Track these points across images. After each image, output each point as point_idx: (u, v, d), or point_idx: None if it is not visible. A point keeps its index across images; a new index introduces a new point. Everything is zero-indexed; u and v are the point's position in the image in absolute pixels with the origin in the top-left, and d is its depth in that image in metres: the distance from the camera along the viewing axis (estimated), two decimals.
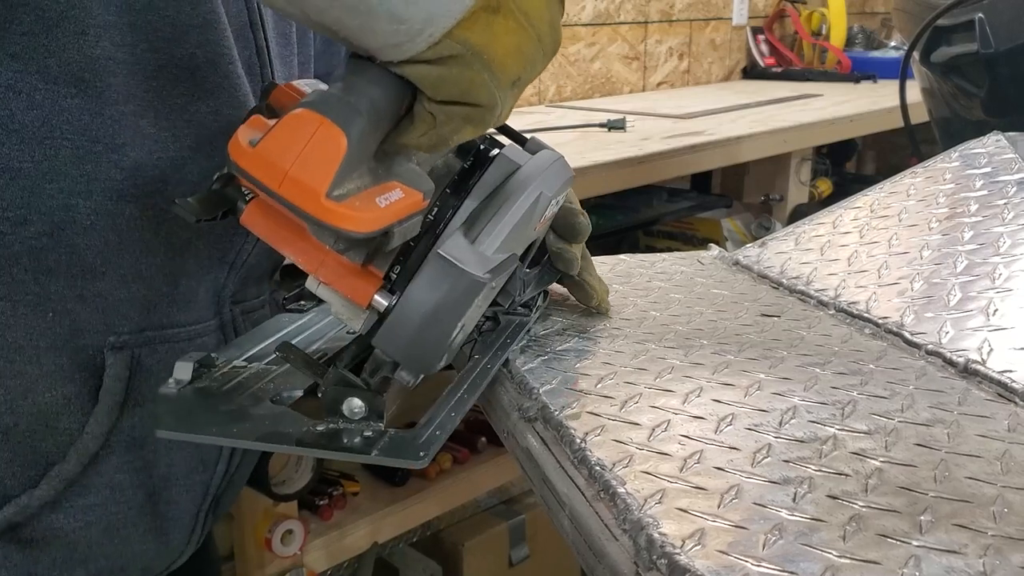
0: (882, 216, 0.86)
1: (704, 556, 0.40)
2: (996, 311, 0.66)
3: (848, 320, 0.72)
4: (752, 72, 2.70)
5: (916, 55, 1.28)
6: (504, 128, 0.63)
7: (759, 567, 0.39)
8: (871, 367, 0.62)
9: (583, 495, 0.47)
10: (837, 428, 0.52)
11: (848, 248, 0.83)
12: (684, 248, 1.66)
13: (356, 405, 0.51)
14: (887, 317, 0.70)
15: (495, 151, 0.59)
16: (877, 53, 2.76)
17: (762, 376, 0.59)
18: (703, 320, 0.72)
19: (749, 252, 0.90)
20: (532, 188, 0.57)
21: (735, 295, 0.79)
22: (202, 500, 0.71)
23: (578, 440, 0.51)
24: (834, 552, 0.40)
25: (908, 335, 0.67)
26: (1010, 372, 0.59)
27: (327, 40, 0.77)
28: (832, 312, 0.74)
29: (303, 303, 0.68)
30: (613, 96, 2.33)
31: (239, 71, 0.63)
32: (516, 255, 0.57)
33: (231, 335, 0.70)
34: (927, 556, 0.40)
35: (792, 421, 0.53)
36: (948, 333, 0.65)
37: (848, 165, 2.59)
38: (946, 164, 0.91)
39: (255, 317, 0.72)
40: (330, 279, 0.51)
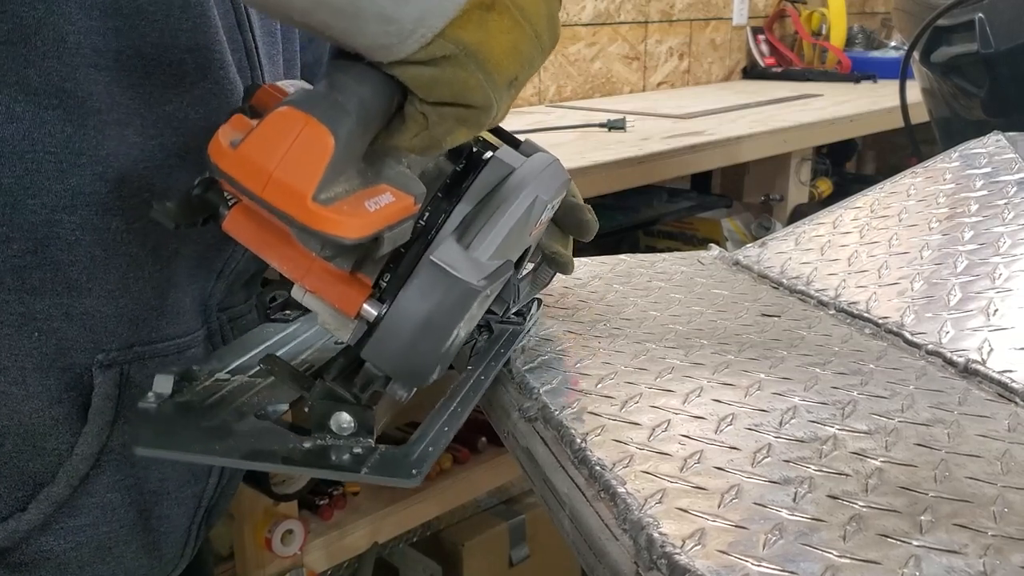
0: (882, 216, 0.86)
1: (704, 556, 0.40)
2: (996, 311, 0.66)
3: (848, 320, 0.72)
4: (752, 72, 2.69)
5: (916, 55, 1.28)
6: (497, 130, 0.61)
7: (759, 567, 0.39)
8: (871, 367, 0.62)
9: (583, 495, 0.47)
10: (837, 428, 0.52)
11: (848, 248, 0.83)
12: (684, 248, 1.65)
13: (344, 420, 0.49)
14: (887, 317, 0.70)
15: (488, 154, 0.56)
16: (877, 53, 2.76)
17: (762, 376, 0.59)
18: (703, 320, 0.72)
19: (749, 252, 0.90)
20: (528, 192, 0.54)
21: (735, 295, 0.79)
22: (194, 513, 0.69)
23: (578, 440, 0.51)
24: (834, 552, 0.40)
25: (908, 335, 0.67)
26: (1010, 372, 0.59)
27: None
28: (832, 312, 0.74)
29: (287, 313, 0.66)
30: (613, 96, 2.33)
31: (231, 75, 0.61)
32: (511, 261, 0.55)
33: (219, 344, 0.68)
34: (927, 556, 0.40)
35: (792, 421, 0.53)
36: (948, 333, 0.65)
37: (848, 165, 2.59)
38: (946, 164, 0.91)
39: (242, 323, 0.70)
40: (317, 288, 0.49)
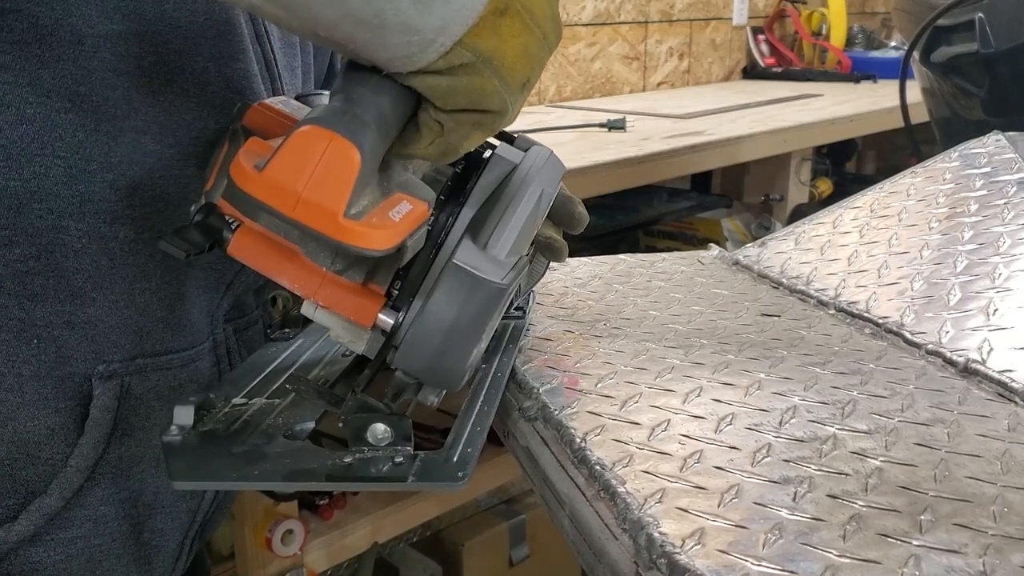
0: (882, 216, 0.86)
1: (704, 555, 0.40)
2: (996, 311, 0.66)
3: (848, 320, 0.72)
4: (752, 72, 2.69)
5: (916, 55, 1.28)
6: None
7: (759, 566, 0.39)
8: (871, 367, 0.62)
9: (583, 494, 0.47)
10: (837, 428, 0.52)
11: (848, 248, 0.83)
12: (684, 248, 1.65)
13: (381, 431, 0.49)
14: (887, 317, 0.70)
15: (487, 152, 0.56)
16: (877, 53, 2.76)
17: (762, 376, 0.59)
18: (703, 320, 0.72)
19: (749, 252, 0.90)
20: (535, 186, 0.55)
21: (735, 295, 0.79)
22: (188, 527, 0.67)
23: (578, 439, 0.51)
24: (834, 551, 0.40)
25: (908, 335, 0.67)
26: (1010, 372, 0.59)
27: None
28: (832, 312, 0.74)
29: (287, 331, 0.66)
30: (613, 96, 2.33)
31: (254, 85, 0.61)
32: (525, 257, 0.55)
33: (223, 356, 0.67)
34: (927, 555, 0.40)
35: (792, 421, 0.53)
36: (948, 333, 0.65)
37: (848, 165, 2.59)
38: (946, 164, 0.91)
39: (248, 335, 0.69)
40: (330, 302, 0.49)
